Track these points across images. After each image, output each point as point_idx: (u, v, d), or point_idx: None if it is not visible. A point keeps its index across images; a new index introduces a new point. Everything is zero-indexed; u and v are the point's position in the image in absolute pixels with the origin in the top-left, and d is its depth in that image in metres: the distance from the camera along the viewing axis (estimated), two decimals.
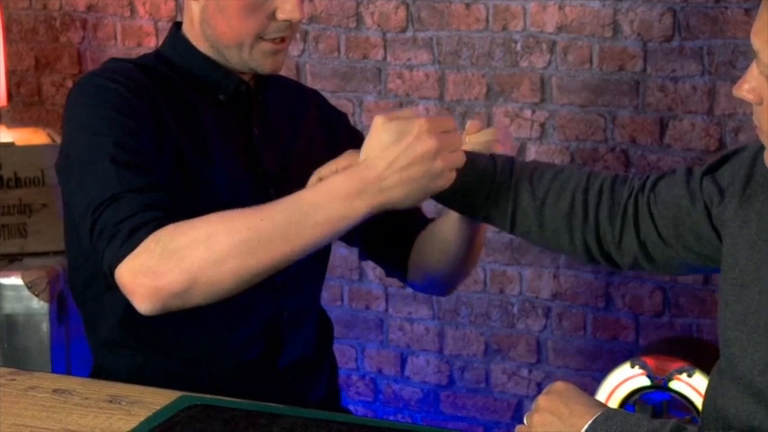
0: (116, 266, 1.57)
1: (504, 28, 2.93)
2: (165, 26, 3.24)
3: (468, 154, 1.57)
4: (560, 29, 2.88)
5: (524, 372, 3.08)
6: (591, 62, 2.85)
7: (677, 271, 1.60)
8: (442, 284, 1.92)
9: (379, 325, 3.18)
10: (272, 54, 1.73)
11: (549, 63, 2.90)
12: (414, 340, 3.18)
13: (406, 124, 1.50)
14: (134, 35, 3.29)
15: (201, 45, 1.77)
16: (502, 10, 2.93)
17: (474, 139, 1.66)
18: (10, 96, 3.28)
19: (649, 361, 2.61)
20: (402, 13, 3.03)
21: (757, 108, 1.32)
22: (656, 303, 2.93)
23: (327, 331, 1.98)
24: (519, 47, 2.93)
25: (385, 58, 3.06)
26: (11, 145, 2.84)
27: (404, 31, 3.04)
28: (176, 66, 1.78)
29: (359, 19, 3.05)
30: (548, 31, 2.89)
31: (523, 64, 2.91)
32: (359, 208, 1.51)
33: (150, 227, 1.56)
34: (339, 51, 3.10)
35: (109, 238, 1.58)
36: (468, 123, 1.70)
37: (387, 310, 3.17)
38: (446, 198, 1.59)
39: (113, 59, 1.83)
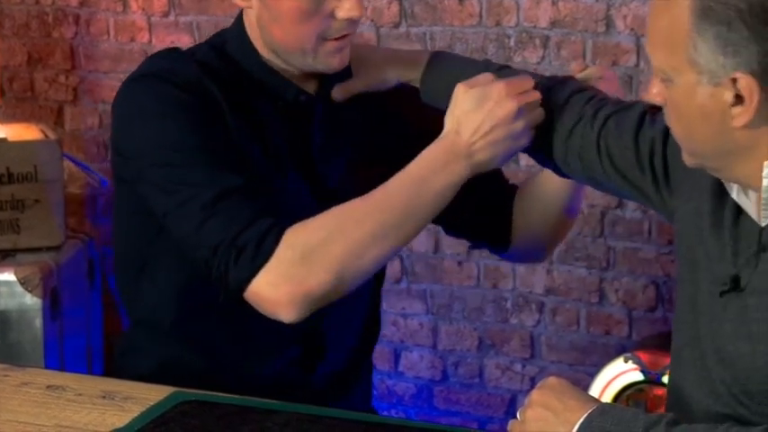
0: (249, 282, 1.56)
1: (498, 23, 2.93)
2: (158, 21, 3.23)
3: None
4: (554, 24, 2.88)
5: (518, 367, 3.09)
6: (584, 57, 2.85)
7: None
8: (543, 247, 1.93)
9: None
10: (338, 52, 1.68)
11: (543, 58, 2.90)
12: (407, 335, 3.18)
13: (486, 90, 1.58)
14: (127, 30, 3.28)
15: (263, 49, 1.71)
16: (495, 5, 2.93)
17: (581, 77, 1.70)
18: (2, 92, 3.28)
19: (643, 356, 2.62)
20: (395, 8, 3.02)
21: (665, 109, 1.36)
22: (649, 298, 2.93)
23: (372, 338, 1.94)
24: (512, 42, 2.92)
25: None
26: (3, 140, 2.84)
27: (397, 26, 3.03)
28: (240, 67, 1.72)
29: None
30: (541, 27, 2.89)
31: (517, 59, 2.91)
32: (459, 173, 1.59)
33: (274, 234, 1.56)
34: None
35: (235, 256, 1.56)
36: (573, 65, 1.77)
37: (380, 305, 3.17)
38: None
39: (173, 52, 1.76)
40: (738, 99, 1.25)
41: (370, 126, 1.82)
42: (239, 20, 1.74)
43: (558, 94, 1.62)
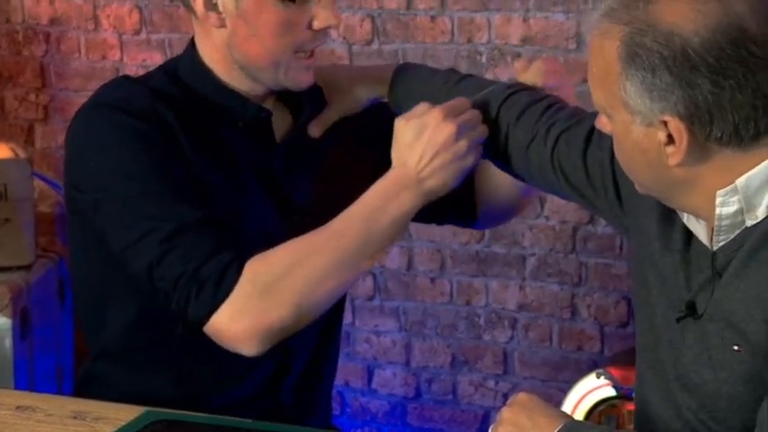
0: (209, 317, 1.55)
1: (470, 40, 2.95)
2: (129, 39, 3.23)
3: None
4: (525, 41, 2.89)
5: (491, 383, 3.09)
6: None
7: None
8: (511, 211, 1.95)
9: (346, 337, 3.17)
10: (307, 69, 1.69)
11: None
12: (380, 352, 3.18)
13: (423, 119, 1.59)
14: (98, 48, 3.27)
15: (223, 71, 1.70)
16: (467, 22, 2.94)
17: (526, 78, 1.71)
18: None
19: (615, 371, 2.62)
20: (367, 25, 3.03)
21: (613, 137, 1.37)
22: (621, 314, 2.94)
23: (332, 337, 1.92)
24: (484, 59, 2.94)
25: None
26: None
27: (369, 43, 3.04)
28: (194, 91, 1.71)
29: None
30: (512, 44, 2.91)
31: (489, 76, 2.91)
32: (411, 202, 1.61)
33: (234, 268, 1.55)
34: None
35: (196, 291, 1.55)
36: (516, 64, 1.80)
37: (353, 322, 3.17)
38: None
39: (125, 80, 1.76)
40: (671, 139, 1.26)
41: (339, 142, 1.82)
42: (191, 44, 1.74)
43: (511, 110, 1.63)
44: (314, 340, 1.84)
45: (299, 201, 1.76)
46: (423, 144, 1.58)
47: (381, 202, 1.60)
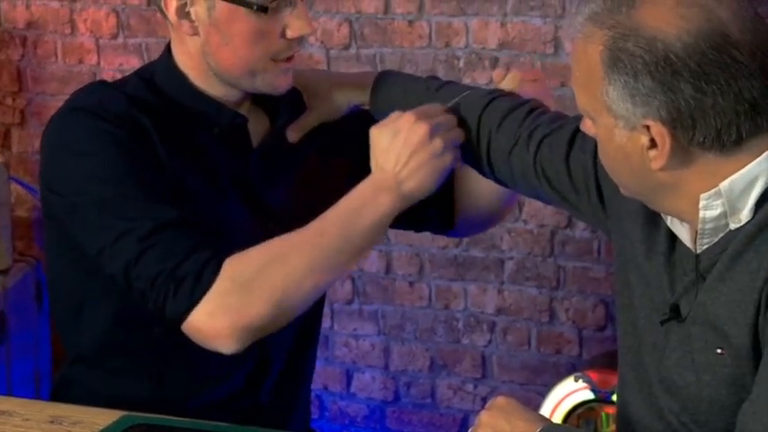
0: (188, 314, 1.55)
1: (447, 44, 2.95)
2: (106, 43, 3.22)
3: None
4: (502, 45, 2.90)
5: (470, 387, 3.09)
6: None
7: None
8: (488, 221, 1.96)
9: (325, 341, 3.17)
10: (285, 73, 1.68)
11: (492, 79, 2.91)
12: (359, 356, 3.17)
13: (396, 124, 1.60)
14: (75, 52, 3.26)
15: (198, 77, 1.69)
16: (444, 27, 2.94)
17: (502, 87, 1.72)
18: None
19: (593, 375, 2.63)
20: (345, 30, 3.03)
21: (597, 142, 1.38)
22: (599, 317, 2.95)
23: (310, 335, 1.92)
24: (462, 63, 2.94)
25: None
26: None
27: (347, 47, 3.04)
28: (170, 98, 1.70)
29: None
30: (490, 48, 2.91)
31: (466, 80, 2.92)
32: (390, 204, 1.61)
33: (212, 266, 1.55)
34: None
35: (174, 288, 1.55)
36: (493, 74, 1.79)
37: (332, 326, 3.17)
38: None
39: (101, 85, 1.75)
40: (653, 143, 1.27)
41: (318, 148, 1.82)
42: (167, 51, 1.73)
43: (492, 115, 1.63)
44: (292, 341, 1.83)
45: (274, 206, 1.75)
46: (398, 147, 1.59)
47: (360, 204, 1.61)
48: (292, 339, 1.83)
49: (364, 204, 1.60)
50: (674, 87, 1.22)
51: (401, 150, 1.59)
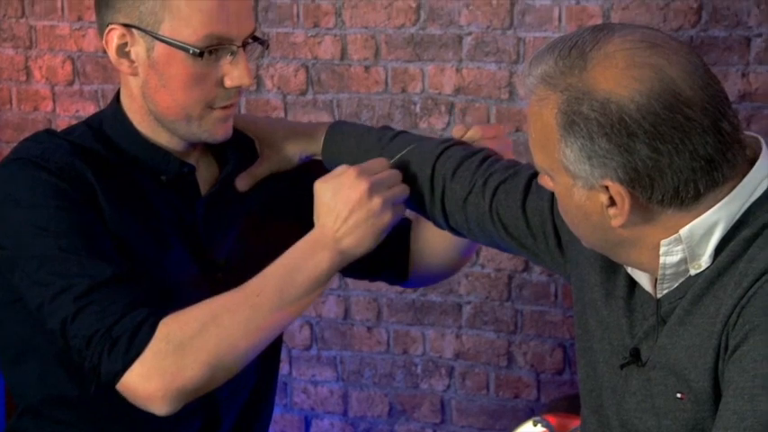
0: (121, 375, 1.53)
1: (404, 90, 2.97)
2: (62, 90, 3.21)
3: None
4: (458, 90, 2.92)
5: None
6: (488, 121, 2.89)
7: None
8: (442, 274, 1.96)
9: (283, 388, 3.15)
10: (223, 121, 1.66)
11: (448, 124, 2.93)
12: (318, 403, 3.16)
13: (339, 179, 1.60)
14: (30, 99, 3.24)
15: (142, 122, 1.68)
16: (401, 72, 2.96)
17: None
18: None
19: (551, 419, 2.63)
20: (302, 75, 3.04)
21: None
22: (557, 361, 2.95)
23: (265, 391, 1.90)
24: (418, 108, 2.96)
25: None
26: None
27: (304, 93, 3.05)
28: (117, 146, 1.69)
29: (259, 81, 3.06)
30: (446, 93, 2.93)
31: (423, 125, 2.94)
32: (328, 260, 1.60)
33: (148, 326, 1.53)
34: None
35: (109, 348, 1.52)
36: (453, 130, 1.77)
37: (290, 372, 3.15)
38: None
39: (46, 135, 1.71)
40: (613, 201, 1.27)
41: (268, 198, 1.81)
42: (116, 97, 1.72)
43: (446, 164, 1.63)
44: (247, 395, 1.82)
45: (220, 256, 1.73)
46: (339, 203, 1.59)
47: (298, 261, 1.60)
48: (248, 393, 1.82)
49: (303, 261, 1.60)
50: (631, 148, 1.22)
51: (341, 208, 1.59)
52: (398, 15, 2.93)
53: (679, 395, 1.30)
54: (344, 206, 1.58)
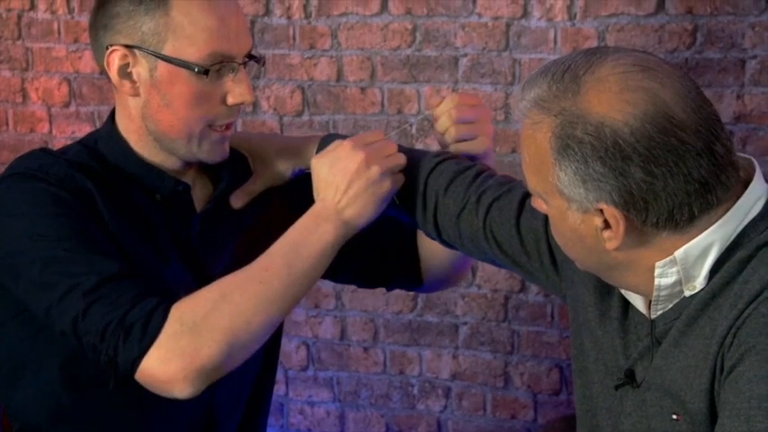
0: (140, 361, 1.52)
1: (399, 111, 2.97)
2: (58, 111, 3.22)
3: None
4: None
5: None
6: None
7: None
8: (457, 276, 1.96)
9: (279, 409, 3.15)
10: (221, 143, 1.68)
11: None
12: (314, 424, 3.15)
13: (335, 152, 1.62)
14: (26, 121, 3.25)
15: (138, 142, 1.69)
16: (396, 93, 2.97)
17: (438, 112, 1.71)
18: None
19: None
20: (298, 97, 3.05)
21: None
22: (553, 381, 2.95)
23: (261, 402, 1.91)
24: (414, 129, 2.96)
25: None
26: None
27: (300, 114, 3.06)
28: (112, 164, 1.70)
29: (255, 103, 3.07)
30: None
31: (419, 146, 2.95)
32: (333, 232, 1.61)
33: (161, 311, 1.53)
34: None
35: (124, 337, 1.52)
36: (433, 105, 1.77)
37: (287, 393, 3.15)
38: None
39: (41, 152, 1.73)
40: (607, 224, 1.28)
41: (263, 213, 1.82)
42: (110, 118, 1.73)
43: (439, 179, 1.64)
44: (242, 413, 1.82)
45: (217, 271, 1.74)
46: (337, 175, 1.60)
47: (303, 235, 1.61)
48: (242, 410, 1.82)
49: (307, 236, 1.60)
50: (625, 172, 1.23)
51: (339, 179, 1.60)
52: (394, 37, 2.94)
53: (674, 416, 1.30)
54: (343, 178, 1.60)
